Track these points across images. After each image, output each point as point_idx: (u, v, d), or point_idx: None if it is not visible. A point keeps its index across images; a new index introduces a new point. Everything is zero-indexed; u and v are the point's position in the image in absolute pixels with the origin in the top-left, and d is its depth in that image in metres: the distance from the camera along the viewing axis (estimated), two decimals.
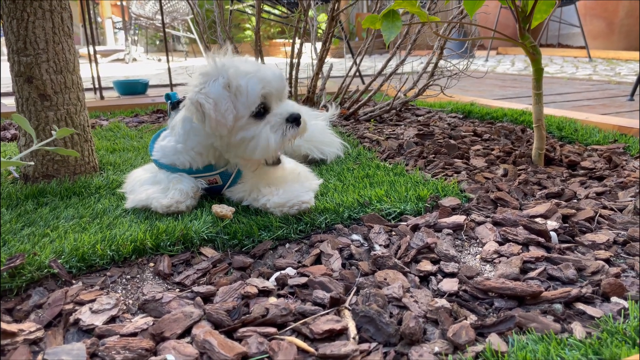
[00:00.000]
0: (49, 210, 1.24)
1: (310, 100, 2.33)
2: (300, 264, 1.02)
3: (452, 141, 1.88)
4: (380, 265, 0.99)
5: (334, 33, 2.37)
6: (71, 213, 1.22)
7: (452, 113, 2.61)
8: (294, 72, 2.27)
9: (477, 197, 1.30)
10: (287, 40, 2.27)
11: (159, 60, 7.99)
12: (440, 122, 2.31)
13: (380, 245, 1.08)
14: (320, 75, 2.43)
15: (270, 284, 0.94)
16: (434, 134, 2.00)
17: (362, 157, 1.70)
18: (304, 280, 0.93)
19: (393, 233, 1.13)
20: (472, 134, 2.02)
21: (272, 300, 0.88)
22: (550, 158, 1.70)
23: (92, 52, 3.59)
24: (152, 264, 1.02)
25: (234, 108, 1.14)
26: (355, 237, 1.11)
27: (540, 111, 1.63)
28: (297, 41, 2.26)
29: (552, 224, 1.12)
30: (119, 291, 0.94)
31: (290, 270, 0.99)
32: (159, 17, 7.74)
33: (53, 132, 0.98)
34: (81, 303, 0.88)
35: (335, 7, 2.06)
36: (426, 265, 0.98)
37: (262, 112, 1.18)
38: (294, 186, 1.21)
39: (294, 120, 1.19)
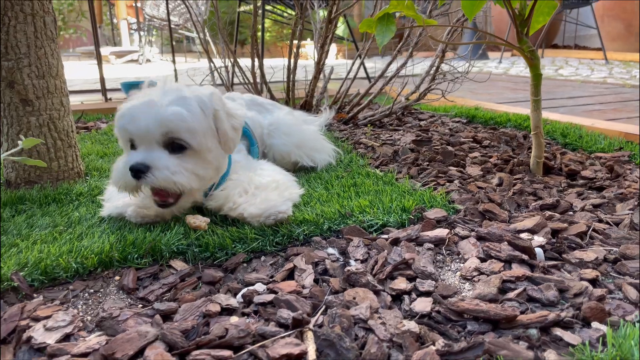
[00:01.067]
0: (24, 219, 1.22)
1: (309, 104, 2.29)
2: (271, 279, 0.98)
3: (449, 148, 1.82)
4: (354, 282, 0.94)
5: (335, 35, 2.33)
6: (47, 221, 1.20)
7: (456, 117, 2.55)
8: (291, 76, 2.23)
9: (465, 209, 1.24)
10: (285, 42, 2.24)
11: (172, 61, 8.01)
12: (441, 127, 2.25)
13: (357, 259, 1.04)
14: (322, 78, 2.39)
15: (236, 301, 0.90)
16: (432, 140, 1.95)
17: (353, 164, 1.65)
18: (270, 297, 0.89)
19: (372, 247, 1.08)
20: (472, 140, 1.96)
21: (234, 319, 0.85)
22: (550, 167, 1.63)
23: (99, 53, 3.59)
24: (117, 278, 0.98)
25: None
26: (331, 250, 1.07)
27: (539, 118, 1.57)
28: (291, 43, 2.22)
29: (539, 239, 1.06)
30: (80, 306, 0.91)
31: (259, 286, 0.95)
32: (172, 18, 7.79)
33: (19, 141, 0.95)
34: (37, 319, 0.85)
35: (333, 10, 2.02)
36: (401, 283, 0.93)
37: (133, 146, 1.16)
38: (272, 195, 1.17)
39: (133, 171, 1.08)
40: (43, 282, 0.95)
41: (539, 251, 1.01)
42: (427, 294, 0.91)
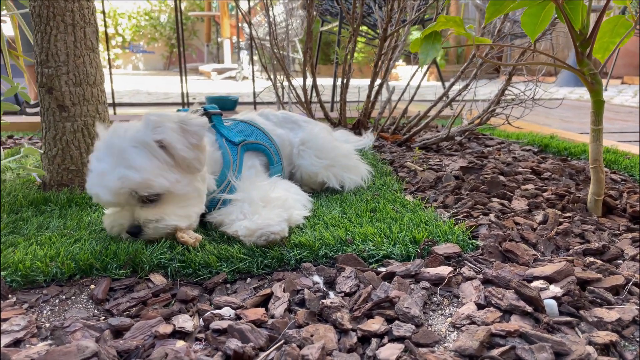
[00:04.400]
0: (42, 219, 1.25)
1: (362, 124, 2.21)
2: (242, 304, 0.92)
3: (501, 177, 1.66)
4: (326, 316, 0.85)
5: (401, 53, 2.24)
6: (59, 224, 1.22)
7: (528, 145, 2.35)
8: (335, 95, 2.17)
9: (483, 247, 1.10)
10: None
11: (267, 79, 8.25)
12: (504, 155, 2.07)
13: (341, 292, 0.94)
14: (387, 99, 2.30)
15: (192, 324, 0.85)
16: (484, 167, 1.79)
17: (386, 187, 1.54)
18: (226, 324, 0.83)
19: (362, 279, 0.98)
20: (530, 171, 1.78)
21: (179, 344, 0.79)
22: (612, 206, 1.43)
23: (182, 70, 3.76)
24: (93, 286, 0.97)
25: None
26: (317, 279, 0.98)
27: (599, 150, 1.38)
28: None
29: (555, 290, 0.90)
30: (45, 312, 0.90)
31: (226, 311, 0.89)
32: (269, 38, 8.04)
33: (22, 149, 0.98)
34: None
35: (387, 28, 1.94)
36: (374, 324, 0.83)
37: None
38: (269, 214, 1.11)
39: (130, 234, 1.10)
40: (20, 284, 0.96)
41: (550, 303, 0.86)
42: (400, 339, 0.80)
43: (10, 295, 0.94)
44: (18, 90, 1.65)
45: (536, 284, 0.92)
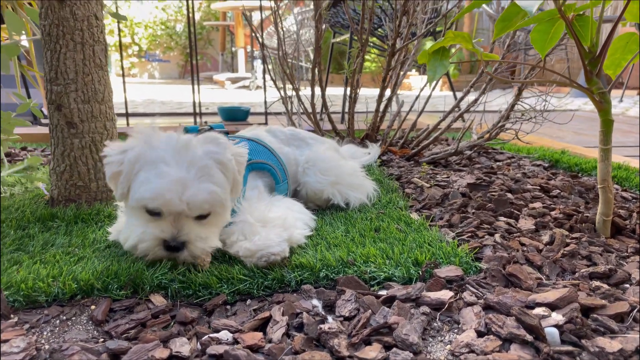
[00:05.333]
0: (48, 236, 1.26)
1: (371, 137, 2.21)
2: (240, 327, 0.91)
3: (509, 195, 1.64)
4: (324, 342, 0.85)
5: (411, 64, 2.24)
6: (65, 241, 1.23)
7: (538, 160, 2.32)
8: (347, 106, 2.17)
9: (486, 270, 1.09)
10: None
11: (281, 89, 8.27)
12: (514, 171, 2.05)
13: (340, 316, 0.94)
14: (395, 111, 2.30)
15: (189, 348, 0.85)
16: (491, 184, 1.77)
17: (391, 205, 1.54)
18: (222, 349, 0.82)
19: (361, 303, 0.98)
20: (539, 188, 1.76)
21: None
22: (621, 227, 1.40)
23: (193, 80, 3.79)
24: (93, 307, 0.97)
25: (125, 187, 1.10)
26: (315, 302, 0.98)
27: (607, 170, 1.36)
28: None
29: (557, 317, 0.89)
30: (45, 333, 0.90)
31: (224, 334, 0.89)
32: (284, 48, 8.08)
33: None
34: None
35: (395, 43, 1.93)
36: (371, 351, 0.82)
37: (154, 213, 1.07)
38: (269, 234, 1.11)
39: (169, 248, 1.06)
40: (23, 304, 0.97)
41: (552, 332, 0.85)
42: None
43: (12, 316, 0.94)
44: (30, 107, 1.68)
45: (538, 311, 0.91)
